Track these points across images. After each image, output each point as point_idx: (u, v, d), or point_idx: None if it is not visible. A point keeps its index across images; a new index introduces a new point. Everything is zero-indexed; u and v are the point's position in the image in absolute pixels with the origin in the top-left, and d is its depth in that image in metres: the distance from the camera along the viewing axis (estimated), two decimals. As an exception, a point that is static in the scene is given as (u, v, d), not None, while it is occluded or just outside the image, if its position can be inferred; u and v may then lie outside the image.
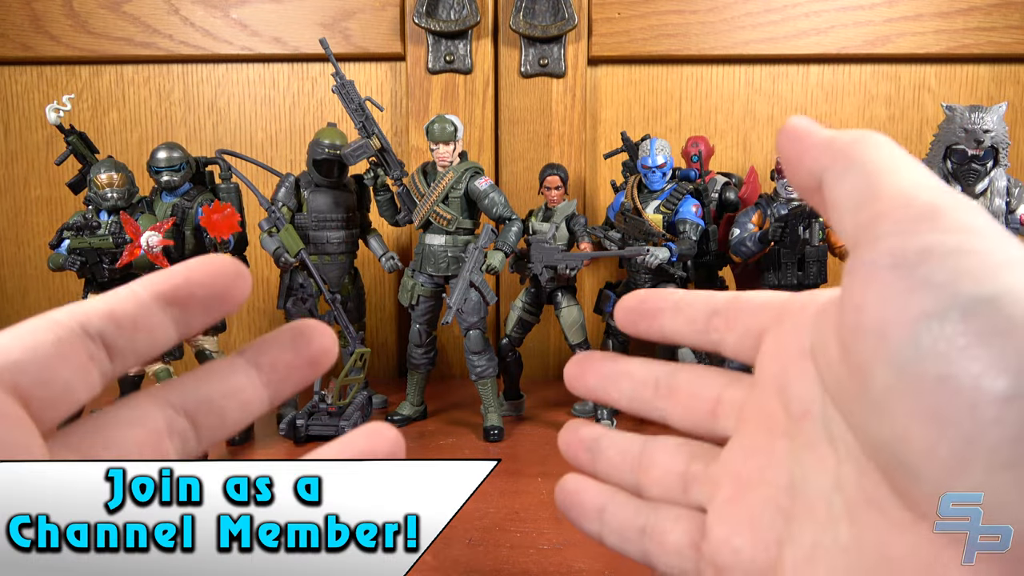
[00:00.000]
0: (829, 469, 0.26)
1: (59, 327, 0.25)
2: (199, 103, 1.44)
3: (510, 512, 0.86)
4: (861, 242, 0.25)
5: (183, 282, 0.27)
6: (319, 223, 1.16)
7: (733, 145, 1.43)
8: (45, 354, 0.24)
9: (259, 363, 0.29)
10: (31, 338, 0.24)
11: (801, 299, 0.30)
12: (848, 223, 0.26)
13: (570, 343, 1.17)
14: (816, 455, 0.27)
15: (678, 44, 1.37)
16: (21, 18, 1.39)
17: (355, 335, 1.14)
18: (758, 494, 0.29)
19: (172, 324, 0.27)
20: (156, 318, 0.26)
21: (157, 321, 0.26)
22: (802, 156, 0.28)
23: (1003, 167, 1.03)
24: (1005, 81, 1.38)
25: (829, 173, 0.27)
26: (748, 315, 0.32)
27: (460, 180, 1.13)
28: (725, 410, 0.32)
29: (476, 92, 1.38)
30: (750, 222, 1.15)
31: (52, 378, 0.24)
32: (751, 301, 0.32)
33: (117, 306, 0.26)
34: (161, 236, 1.04)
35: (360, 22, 1.38)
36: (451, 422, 1.21)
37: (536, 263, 1.13)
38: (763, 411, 0.30)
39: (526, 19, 1.32)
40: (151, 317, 0.26)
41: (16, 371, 0.23)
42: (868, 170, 0.25)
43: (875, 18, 1.35)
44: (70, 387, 0.24)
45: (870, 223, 0.24)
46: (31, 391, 0.23)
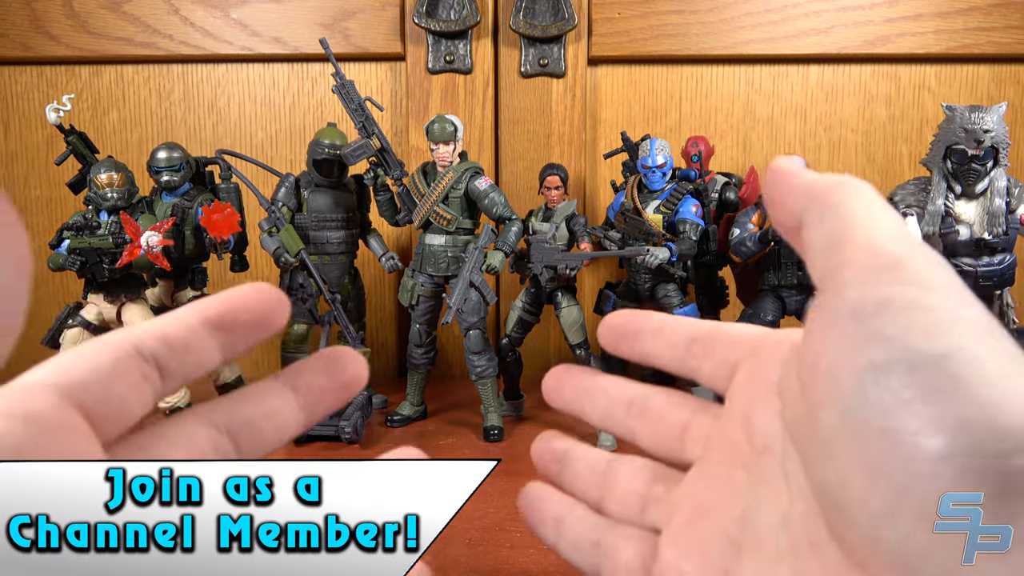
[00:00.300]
0: (781, 505, 0.27)
1: (117, 349, 0.27)
2: (199, 103, 1.44)
3: (510, 512, 0.86)
4: (827, 286, 0.25)
5: (229, 309, 0.29)
6: (319, 223, 1.16)
7: (733, 145, 1.43)
8: (105, 373, 0.26)
9: (295, 386, 0.31)
10: (92, 359, 0.26)
11: (777, 335, 0.31)
12: (818, 266, 0.26)
13: (570, 343, 1.17)
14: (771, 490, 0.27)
15: (678, 44, 1.37)
16: (21, 18, 1.39)
17: (355, 335, 1.14)
18: (712, 522, 0.29)
19: (218, 347, 0.29)
20: (204, 342, 0.28)
21: (204, 344, 0.28)
22: (785, 198, 0.28)
23: (1003, 167, 1.03)
24: (1005, 81, 1.38)
25: (807, 215, 0.27)
26: (725, 345, 0.32)
27: (460, 180, 1.13)
28: (692, 436, 0.33)
29: (476, 92, 1.38)
30: (750, 222, 1.15)
31: (111, 395, 0.26)
32: (729, 332, 0.33)
33: (169, 330, 0.28)
34: (161, 236, 1.04)
35: (360, 22, 1.38)
36: (451, 422, 1.21)
37: (536, 263, 1.13)
38: (728, 441, 0.30)
39: (526, 19, 1.32)
40: (199, 341, 0.28)
41: (80, 389, 0.25)
42: (842, 214, 0.26)
43: (875, 18, 1.35)
44: (126, 404, 0.26)
45: (837, 268, 0.25)
46: (93, 407, 0.25)
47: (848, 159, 1.43)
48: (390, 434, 1.16)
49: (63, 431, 0.24)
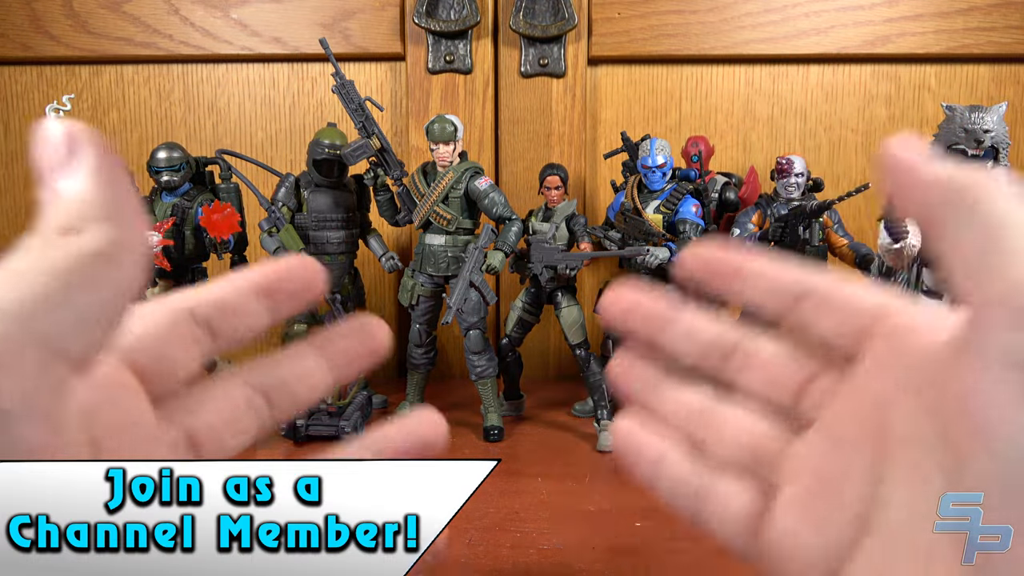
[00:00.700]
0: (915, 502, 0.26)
1: (173, 312, 0.29)
2: (199, 103, 1.44)
3: (510, 512, 0.86)
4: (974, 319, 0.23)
5: (276, 277, 0.31)
6: (319, 223, 1.16)
7: (733, 145, 1.43)
8: (159, 334, 0.28)
9: (326, 351, 0.33)
10: (149, 319, 0.28)
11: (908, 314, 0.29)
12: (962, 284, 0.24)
13: (570, 343, 1.17)
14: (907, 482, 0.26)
15: (678, 44, 1.37)
16: (21, 18, 1.39)
17: (355, 335, 1.14)
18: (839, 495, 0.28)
19: (266, 312, 0.31)
20: (252, 306, 0.30)
21: (253, 308, 0.30)
22: (912, 190, 0.26)
23: (1003, 167, 1.03)
24: (1005, 81, 1.38)
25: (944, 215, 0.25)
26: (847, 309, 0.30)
27: (460, 180, 1.13)
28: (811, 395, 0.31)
29: (476, 92, 1.38)
30: (750, 222, 1.15)
31: (163, 355, 0.28)
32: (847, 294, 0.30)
33: (222, 294, 0.30)
34: (161, 236, 1.04)
35: (360, 22, 1.38)
36: (451, 422, 1.19)
37: (536, 263, 1.13)
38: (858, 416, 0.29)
39: (526, 19, 1.32)
40: (249, 305, 0.30)
41: (135, 348, 0.27)
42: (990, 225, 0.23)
43: (875, 18, 1.35)
44: (177, 364, 0.29)
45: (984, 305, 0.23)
46: (146, 366, 0.28)
47: (848, 159, 1.43)
48: (390, 434, 1.16)
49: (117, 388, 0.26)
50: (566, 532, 0.82)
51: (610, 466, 1.03)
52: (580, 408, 1.23)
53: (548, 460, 1.04)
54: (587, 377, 1.16)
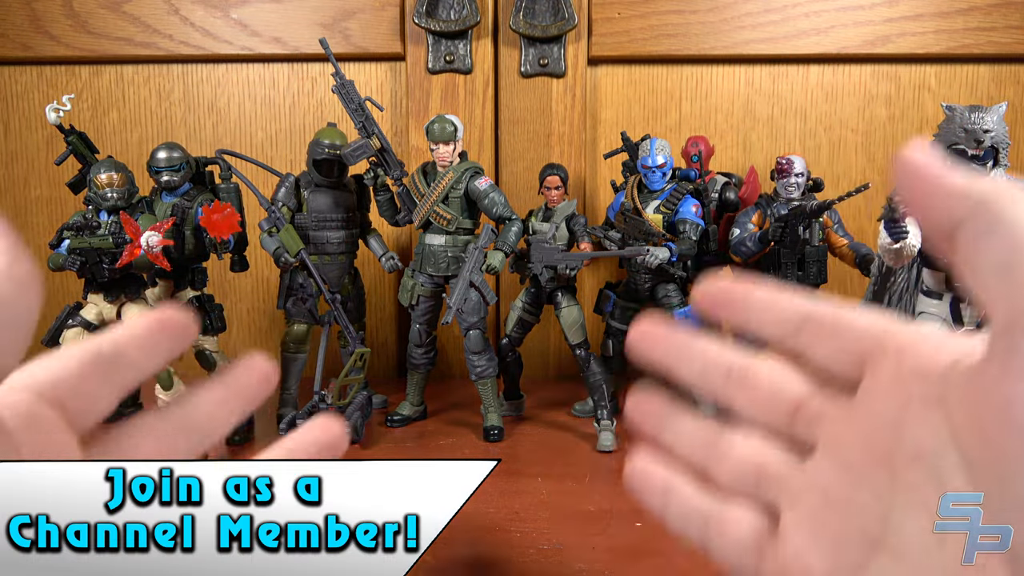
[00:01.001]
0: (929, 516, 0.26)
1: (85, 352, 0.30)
2: (199, 103, 1.44)
3: (510, 512, 0.86)
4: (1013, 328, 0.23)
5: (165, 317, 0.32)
6: (319, 223, 1.16)
7: (733, 145, 1.43)
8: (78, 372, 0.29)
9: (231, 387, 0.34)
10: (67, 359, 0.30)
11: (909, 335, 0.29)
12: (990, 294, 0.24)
13: (570, 343, 1.17)
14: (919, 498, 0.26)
15: (678, 44, 1.37)
16: (21, 18, 1.39)
17: (355, 335, 1.14)
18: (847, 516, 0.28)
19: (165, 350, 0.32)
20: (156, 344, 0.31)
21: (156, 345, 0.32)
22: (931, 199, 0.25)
23: (1003, 167, 1.03)
24: (1005, 81, 1.38)
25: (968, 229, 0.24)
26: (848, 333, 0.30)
27: (460, 180, 1.13)
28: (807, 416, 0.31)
29: (476, 92, 1.38)
30: (750, 222, 1.15)
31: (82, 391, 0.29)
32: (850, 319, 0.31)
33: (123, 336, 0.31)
34: (161, 236, 1.03)
35: (360, 22, 1.38)
36: (451, 422, 1.21)
37: (536, 263, 1.13)
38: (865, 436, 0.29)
39: (526, 19, 1.32)
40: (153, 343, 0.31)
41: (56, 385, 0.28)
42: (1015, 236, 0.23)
43: (875, 18, 1.35)
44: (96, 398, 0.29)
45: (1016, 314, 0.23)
46: (67, 402, 0.28)
47: (848, 159, 1.43)
48: (390, 434, 1.16)
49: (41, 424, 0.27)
50: (566, 532, 0.82)
51: (610, 466, 1.03)
52: (580, 408, 1.23)
53: (548, 460, 1.04)
54: (587, 377, 1.15)
